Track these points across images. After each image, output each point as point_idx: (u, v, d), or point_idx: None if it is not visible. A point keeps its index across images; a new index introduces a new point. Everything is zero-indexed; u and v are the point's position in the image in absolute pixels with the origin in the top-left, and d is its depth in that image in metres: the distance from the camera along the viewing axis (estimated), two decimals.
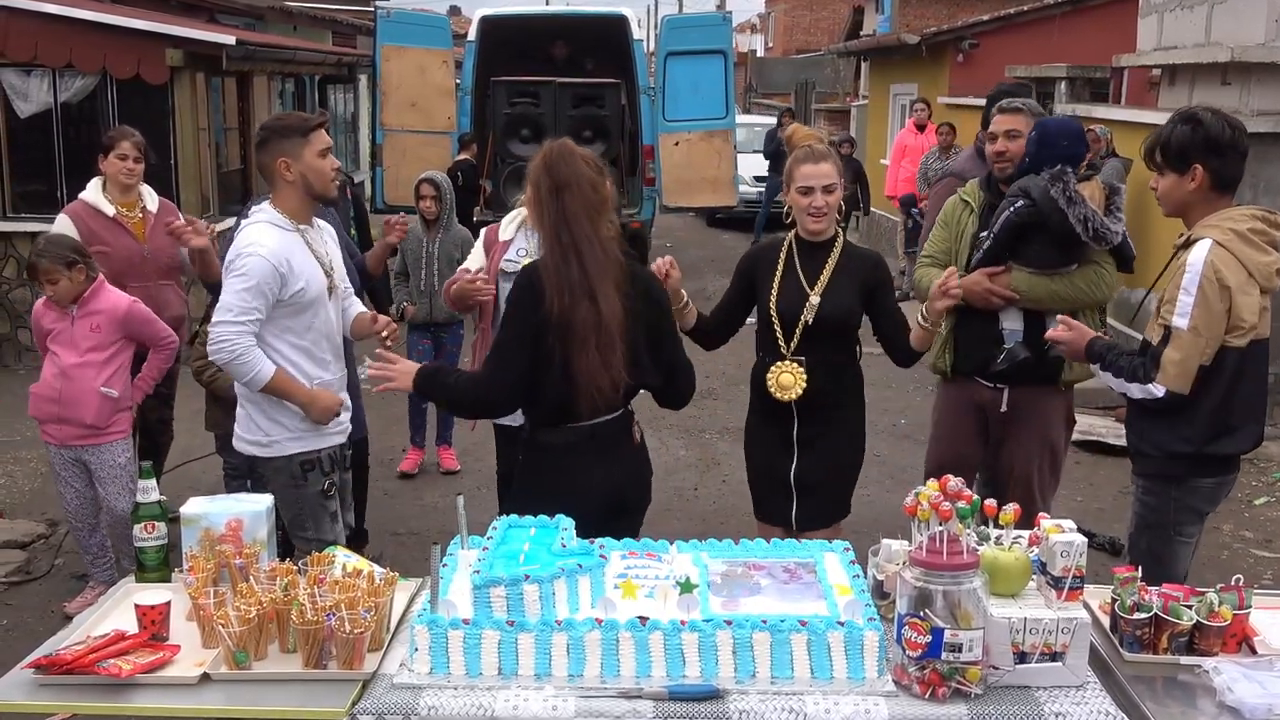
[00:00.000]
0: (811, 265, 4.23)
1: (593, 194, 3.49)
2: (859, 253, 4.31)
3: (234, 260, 3.86)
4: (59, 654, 2.77)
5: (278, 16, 17.11)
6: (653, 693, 2.60)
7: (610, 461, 3.60)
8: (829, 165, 4.15)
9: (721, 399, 9.41)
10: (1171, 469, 3.68)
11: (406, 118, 12.79)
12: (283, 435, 4.00)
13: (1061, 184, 4.34)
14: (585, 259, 3.41)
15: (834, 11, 42.25)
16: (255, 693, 2.72)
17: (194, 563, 3.07)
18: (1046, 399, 4.70)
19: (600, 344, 3.40)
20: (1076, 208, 4.33)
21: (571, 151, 3.54)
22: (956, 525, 2.62)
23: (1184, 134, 3.60)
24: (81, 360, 5.10)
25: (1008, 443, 4.78)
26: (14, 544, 6.15)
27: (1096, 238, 4.38)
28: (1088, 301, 4.57)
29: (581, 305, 3.39)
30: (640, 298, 3.54)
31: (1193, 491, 3.70)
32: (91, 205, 5.96)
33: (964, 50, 16.15)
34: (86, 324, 5.12)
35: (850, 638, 2.64)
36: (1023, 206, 4.43)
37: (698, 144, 13.23)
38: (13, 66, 9.99)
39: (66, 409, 5.12)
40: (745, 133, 20.97)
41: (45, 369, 5.20)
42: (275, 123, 4.04)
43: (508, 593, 2.72)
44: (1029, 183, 4.44)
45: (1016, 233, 4.49)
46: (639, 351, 3.54)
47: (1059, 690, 2.63)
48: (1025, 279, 4.52)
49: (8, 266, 10.03)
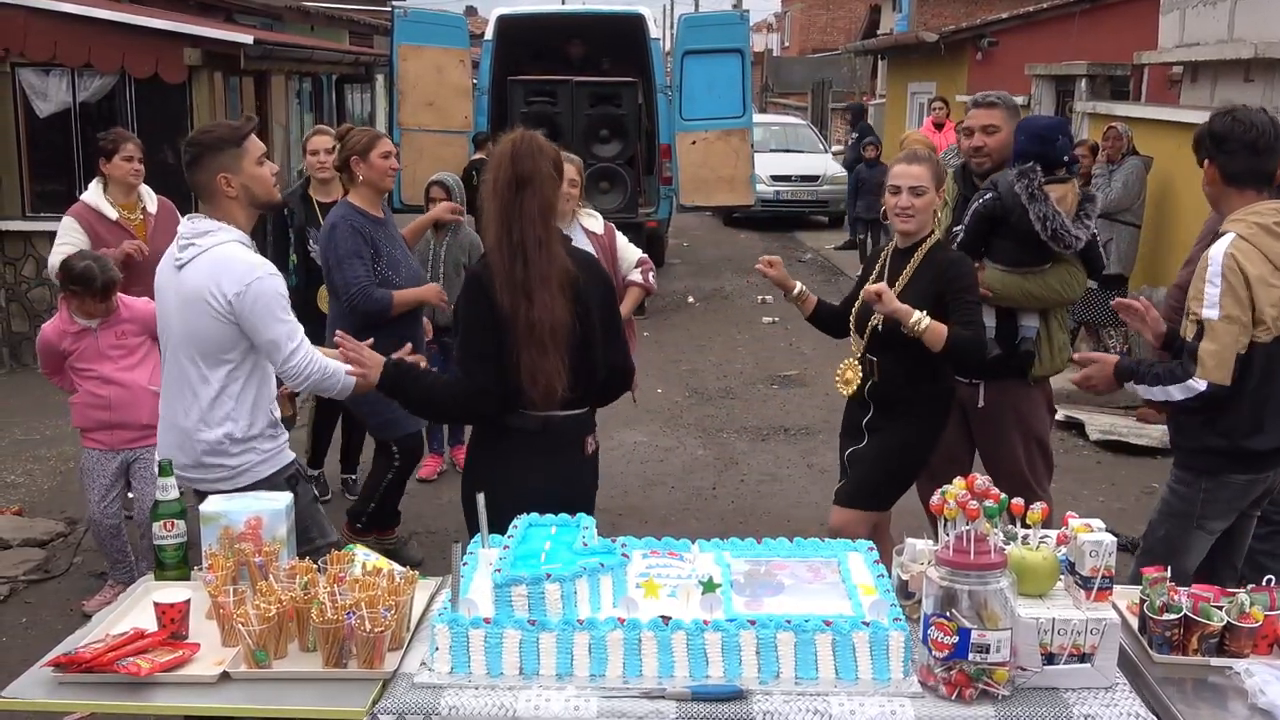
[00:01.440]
0: (897, 269, 4.29)
1: (549, 193, 3.46)
2: (941, 257, 4.25)
3: (248, 291, 3.54)
4: (78, 652, 2.76)
5: (295, 16, 17.15)
6: (676, 693, 2.57)
7: (555, 462, 3.54)
8: (920, 168, 4.17)
9: (739, 398, 9.39)
10: (1206, 462, 3.72)
11: (423, 117, 12.77)
12: (253, 461, 3.72)
13: (1026, 180, 4.40)
14: (530, 259, 3.38)
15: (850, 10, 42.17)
16: (275, 691, 2.70)
17: (213, 561, 3.05)
18: (1022, 392, 4.74)
19: (536, 346, 3.37)
20: (1037, 205, 4.39)
21: (539, 147, 3.48)
22: (984, 524, 2.58)
23: (1201, 132, 3.73)
24: (123, 365, 5.12)
25: (992, 439, 4.80)
26: (33, 542, 6.16)
27: (1054, 238, 4.43)
28: (1059, 301, 4.67)
29: (521, 305, 3.37)
30: (589, 299, 3.50)
31: (1225, 486, 3.74)
32: (94, 208, 6.02)
33: (983, 48, 16.09)
34: (111, 334, 5.11)
35: (875, 638, 2.61)
36: (990, 199, 4.53)
37: (715, 143, 13.18)
38: (32, 66, 10.01)
39: (119, 414, 5.11)
40: (762, 132, 20.95)
41: (81, 383, 5.16)
42: (204, 136, 3.70)
43: (529, 592, 2.70)
44: (999, 177, 4.54)
45: (985, 225, 4.56)
46: (587, 354, 3.49)
47: (1088, 692, 2.60)
48: (999, 277, 4.58)
49: (26, 265, 10.05)
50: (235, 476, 3.68)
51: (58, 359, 5.18)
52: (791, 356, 10.71)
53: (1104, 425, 8.06)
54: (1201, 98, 8.87)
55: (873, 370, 4.30)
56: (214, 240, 3.62)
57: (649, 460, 7.73)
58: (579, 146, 12.30)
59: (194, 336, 3.63)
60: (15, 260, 10.14)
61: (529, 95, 12.41)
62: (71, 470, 7.27)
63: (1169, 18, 9.66)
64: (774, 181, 19.24)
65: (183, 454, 3.71)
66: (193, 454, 3.70)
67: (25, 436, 8.11)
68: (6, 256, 10.13)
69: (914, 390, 4.26)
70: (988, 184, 4.57)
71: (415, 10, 14.35)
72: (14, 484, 7.17)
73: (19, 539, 6.16)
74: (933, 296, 4.14)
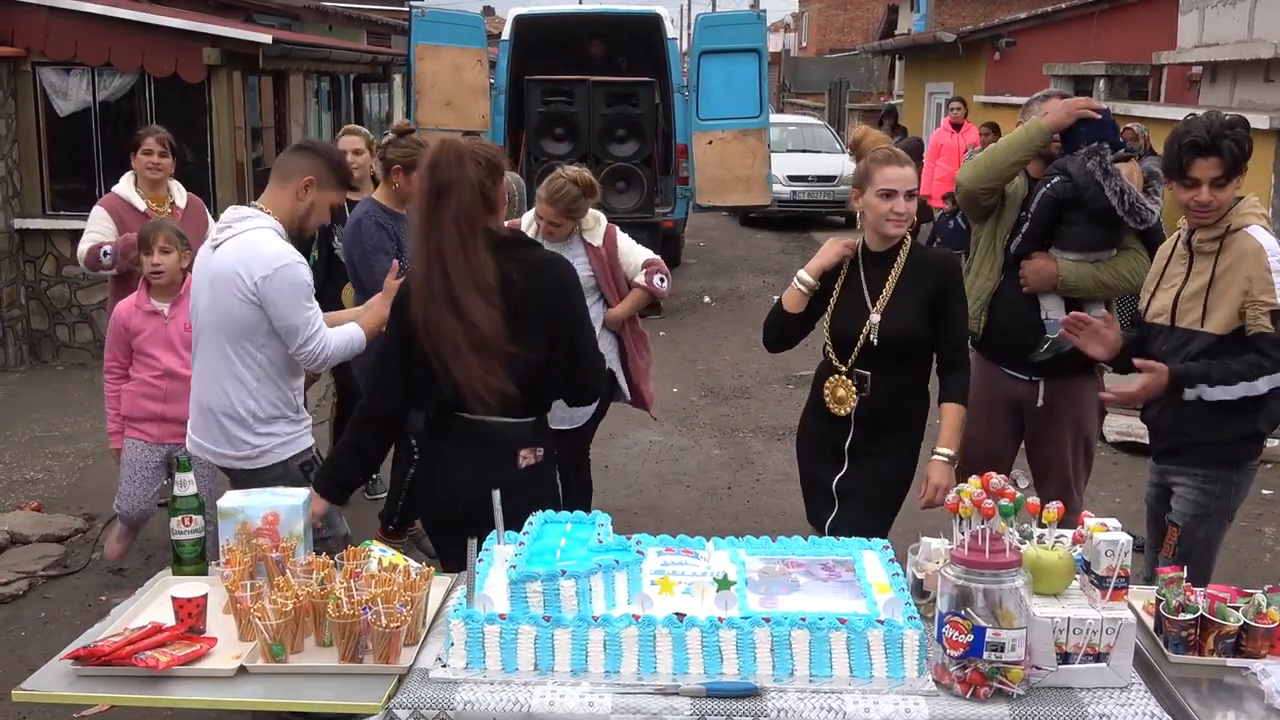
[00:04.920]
0: (876, 276, 3.99)
1: (474, 200, 3.32)
2: (926, 256, 4.03)
3: (274, 276, 3.68)
4: (97, 645, 2.78)
5: (313, 16, 17.21)
6: (690, 690, 2.57)
7: (480, 471, 3.39)
8: (912, 170, 3.97)
9: (755, 398, 9.39)
10: (1236, 453, 3.75)
11: (441, 116, 12.80)
12: (274, 443, 3.86)
13: (1098, 157, 4.36)
14: (450, 269, 3.29)
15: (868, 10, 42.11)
16: (292, 685, 2.71)
17: (230, 555, 3.07)
18: (1082, 389, 4.65)
19: (474, 352, 3.30)
20: (1113, 180, 4.34)
21: (460, 154, 3.35)
22: (999, 523, 2.58)
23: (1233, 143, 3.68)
24: (186, 361, 5.12)
25: (1045, 438, 4.74)
26: (51, 538, 6.19)
27: (1132, 212, 4.36)
28: (1129, 289, 4.53)
29: (446, 315, 3.31)
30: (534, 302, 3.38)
31: (1246, 473, 3.81)
32: (124, 199, 6.15)
33: (1001, 49, 16.04)
34: (181, 323, 5.13)
35: (890, 636, 2.61)
36: (1059, 182, 4.44)
37: (731, 143, 13.17)
38: (53, 65, 10.07)
39: (172, 407, 5.14)
40: (779, 132, 20.93)
41: (138, 371, 5.23)
42: (331, 152, 4.00)
43: (544, 588, 2.71)
44: (1065, 161, 4.47)
45: (1055, 210, 4.48)
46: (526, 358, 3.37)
47: (1103, 691, 2.59)
48: (1072, 268, 4.51)
49: (46, 263, 10.11)
50: (258, 456, 3.85)
51: (125, 339, 5.23)
52: (806, 356, 10.59)
53: (1120, 427, 8.03)
54: (1221, 98, 8.83)
55: (864, 386, 3.98)
56: (250, 225, 3.79)
57: (665, 459, 7.74)
58: (596, 146, 12.35)
59: (221, 317, 3.78)
60: (35, 258, 10.20)
61: (545, 95, 12.43)
62: (90, 466, 7.33)
63: (1188, 17, 9.62)
64: (790, 181, 19.22)
65: (208, 430, 3.88)
66: (217, 430, 3.86)
67: (45, 433, 8.16)
68: (27, 254, 10.19)
69: (908, 408, 4.05)
70: (1052, 169, 4.49)
71: (433, 10, 14.39)
72: (33, 480, 7.21)
73: (38, 534, 6.20)
74: (925, 301, 3.92)
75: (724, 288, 14.64)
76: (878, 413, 3.99)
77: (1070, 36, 15.39)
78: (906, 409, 4.07)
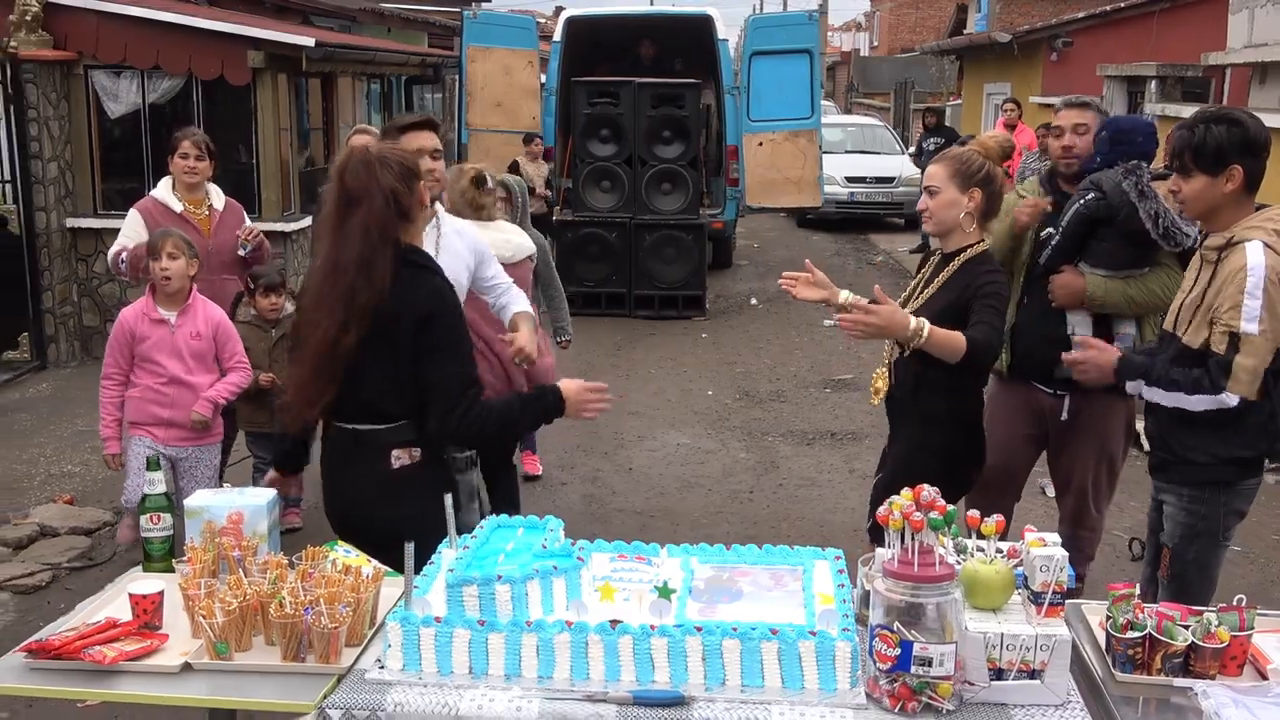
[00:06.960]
0: (934, 276, 3.99)
1: (386, 208, 3.23)
2: (978, 269, 3.86)
3: None
4: (49, 639, 2.84)
5: (371, 18, 17.40)
6: (617, 697, 2.57)
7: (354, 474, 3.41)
8: (936, 167, 3.92)
9: (790, 402, 9.33)
10: (1225, 474, 3.60)
11: (491, 118, 12.92)
12: None
13: (1135, 177, 4.24)
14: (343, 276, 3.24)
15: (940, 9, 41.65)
16: (235, 683, 2.75)
17: (193, 553, 3.13)
18: (1110, 407, 4.55)
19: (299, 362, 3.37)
20: (1148, 202, 4.21)
21: (369, 161, 3.25)
22: (929, 536, 2.55)
23: (1220, 134, 3.49)
24: (191, 368, 5.32)
25: (1065, 452, 4.67)
26: (80, 530, 6.35)
27: (1165, 236, 4.24)
28: (1160, 306, 4.31)
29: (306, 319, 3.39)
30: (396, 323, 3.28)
31: (1239, 494, 3.66)
32: (161, 202, 6.23)
33: (1057, 49, 15.76)
34: (187, 332, 5.30)
35: (822, 648, 2.58)
36: (1093, 199, 4.33)
37: (782, 144, 13.13)
38: (104, 68, 10.31)
39: (178, 413, 5.32)
40: (839, 133, 20.78)
41: (143, 378, 5.36)
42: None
43: (480, 592, 2.72)
44: (1101, 176, 4.34)
45: (1086, 227, 4.38)
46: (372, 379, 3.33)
47: (1037, 709, 2.55)
48: (1100, 283, 4.40)
49: (98, 261, 10.34)
50: None
51: (129, 344, 5.34)
52: (848, 360, 10.62)
53: None
54: (1270, 100, 8.60)
55: (893, 375, 3.98)
56: None
57: (689, 462, 7.72)
58: (641, 148, 12.37)
59: None
60: (87, 256, 10.44)
61: (591, 97, 12.47)
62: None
63: (1238, 17, 9.39)
64: (849, 183, 19.07)
65: None
66: None
67: (87, 428, 8.33)
68: (79, 253, 10.44)
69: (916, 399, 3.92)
70: (1086, 184, 4.38)
71: (484, 12, 14.51)
72: (70, 473, 7.39)
73: (66, 527, 6.36)
74: (957, 306, 3.78)
75: (772, 289, 14.54)
76: (898, 404, 4.02)
77: (1129, 36, 15.05)
78: (920, 401, 3.92)
